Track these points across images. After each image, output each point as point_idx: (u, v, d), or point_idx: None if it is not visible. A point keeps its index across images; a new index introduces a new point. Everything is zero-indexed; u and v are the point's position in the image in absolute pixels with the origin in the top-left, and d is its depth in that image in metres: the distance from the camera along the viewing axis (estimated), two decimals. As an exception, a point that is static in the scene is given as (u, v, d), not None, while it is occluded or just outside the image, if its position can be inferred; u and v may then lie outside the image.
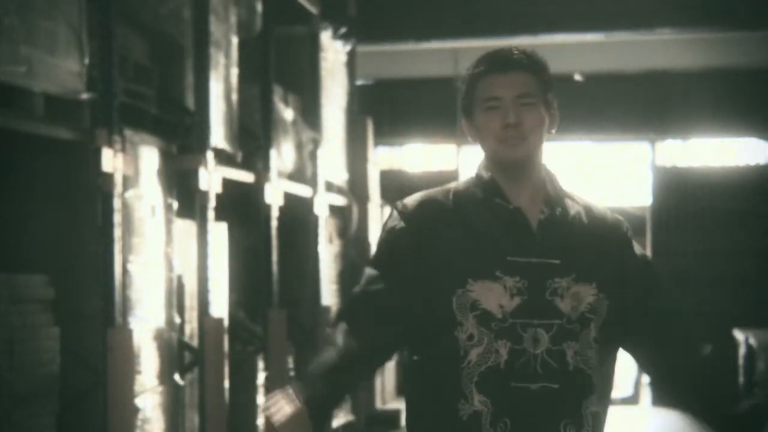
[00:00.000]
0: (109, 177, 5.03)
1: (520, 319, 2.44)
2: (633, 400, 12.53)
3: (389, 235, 2.55)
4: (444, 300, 2.45)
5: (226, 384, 6.48)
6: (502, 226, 2.50)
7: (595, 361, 2.49)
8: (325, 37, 9.07)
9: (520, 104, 2.50)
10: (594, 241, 2.54)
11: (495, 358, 2.43)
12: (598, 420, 2.52)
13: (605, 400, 2.56)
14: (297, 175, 8.26)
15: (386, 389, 11.15)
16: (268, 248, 7.48)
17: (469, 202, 2.54)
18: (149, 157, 5.68)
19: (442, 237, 2.49)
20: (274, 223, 7.52)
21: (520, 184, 2.53)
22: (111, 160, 5.03)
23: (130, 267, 5.33)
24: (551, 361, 2.44)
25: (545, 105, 2.53)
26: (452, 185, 2.60)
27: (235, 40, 6.93)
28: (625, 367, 12.56)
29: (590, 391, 2.48)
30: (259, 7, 7.58)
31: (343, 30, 9.63)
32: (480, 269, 2.45)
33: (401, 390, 10.91)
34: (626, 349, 2.60)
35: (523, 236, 2.49)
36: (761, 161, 12.78)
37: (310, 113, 8.64)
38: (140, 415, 5.40)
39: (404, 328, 2.51)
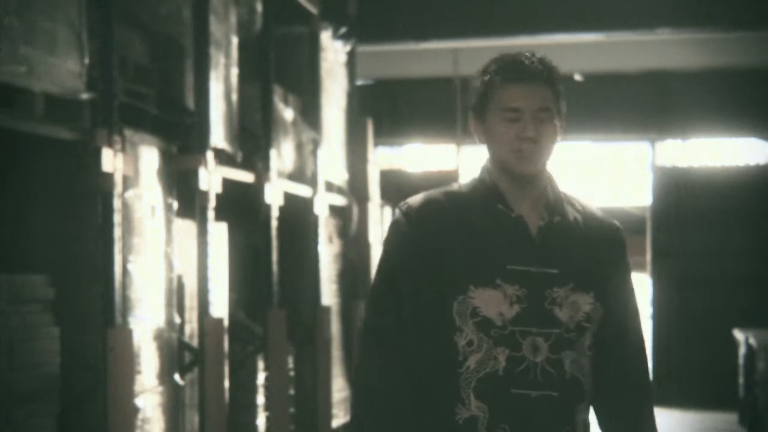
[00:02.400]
0: (109, 177, 5.03)
1: (519, 327, 2.45)
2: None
3: (395, 238, 2.55)
4: (445, 305, 2.47)
5: (226, 384, 6.48)
6: (503, 234, 2.50)
7: (588, 369, 2.52)
8: (325, 37, 9.07)
9: (539, 118, 2.48)
10: (592, 248, 2.55)
11: (493, 365, 2.44)
12: (587, 428, 2.55)
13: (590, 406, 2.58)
14: (297, 175, 8.26)
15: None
16: (268, 248, 7.48)
17: (471, 206, 2.53)
18: (149, 157, 5.68)
19: (444, 241, 2.49)
20: (274, 223, 7.52)
21: (525, 191, 2.53)
22: (111, 160, 5.03)
23: (130, 267, 5.33)
24: (551, 370, 2.46)
25: (558, 115, 2.53)
26: (454, 187, 2.60)
27: (235, 40, 6.93)
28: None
29: (582, 399, 2.51)
30: (259, 7, 7.57)
31: (343, 30, 9.62)
32: (481, 276, 2.46)
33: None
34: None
35: (524, 245, 2.49)
36: (761, 161, 12.78)
37: (310, 113, 8.64)
38: (140, 415, 5.40)
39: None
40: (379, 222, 10.31)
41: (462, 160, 13.15)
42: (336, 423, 8.81)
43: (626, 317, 2.60)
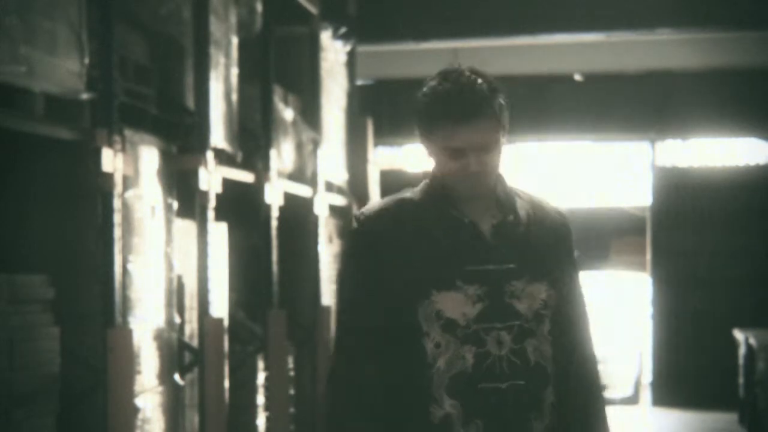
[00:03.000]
0: (109, 177, 5.03)
1: (482, 324, 2.52)
2: (633, 400, 12.54)
3: (353, 250, 2.62)
4: (409, 311, 2.53)
5: (226, 384, 6.48)
6: (458, 237, 2.56)
7: (549, 354, 2.58)
8: (325, 37, 9.07)
9: (482, 152, 2.52)
10: (544, 238, 2.63)
11: (462, 363, 2.51)
12: (555, 411, 2.60)
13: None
14: (297, 175, 8.26)
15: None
16: (268, 248, 7.48)
17: (425, 212, 2.59)
18: (149, 157, 5.68)
19: (402, 248, 2.55)
20: (274, 223, 7.52)
21: (476, 195, 2.59)
22: (111, 160, 5.03)
23: (130, 267, 5.33)
24: (515, 360, 2.53)
25: (503, 135, 2.55)
26: (407, 194, 2.65)
27: (235, 40, 6.93)
28: (625, 367, 12.57)
29: (547, 383, 2.58)
30: (259, 7, 7.57)
31: (343, 30, 9.62)
32: (442, 280, 2.52)
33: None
34: None
35: (479, 246, 2.56)
36: (761, 161, 12.77)
37: (310, 113, 8.64)
38: (140, 415, 5.40)
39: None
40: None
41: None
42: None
43: (576, 303, 2.68)
